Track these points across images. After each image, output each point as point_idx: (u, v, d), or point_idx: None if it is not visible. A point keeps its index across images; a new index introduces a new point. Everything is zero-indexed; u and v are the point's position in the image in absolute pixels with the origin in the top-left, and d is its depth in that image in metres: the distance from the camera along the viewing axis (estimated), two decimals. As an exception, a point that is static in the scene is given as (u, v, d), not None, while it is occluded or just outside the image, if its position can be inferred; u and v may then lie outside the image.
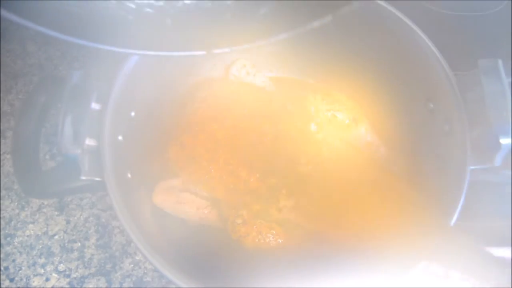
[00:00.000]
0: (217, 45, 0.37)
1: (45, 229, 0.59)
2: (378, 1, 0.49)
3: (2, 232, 0.58)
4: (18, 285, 0.55)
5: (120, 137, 0.46)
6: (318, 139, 0.54)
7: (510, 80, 0.42)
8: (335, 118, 0.55)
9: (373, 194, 0.52)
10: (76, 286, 0.55)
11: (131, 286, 0.55)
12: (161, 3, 0.38)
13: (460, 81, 0.44)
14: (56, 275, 0.56)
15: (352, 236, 0.49)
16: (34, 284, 0.55)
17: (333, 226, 0.50)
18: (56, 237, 0.59)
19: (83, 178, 0.42)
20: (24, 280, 0.56)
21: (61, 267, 0.57)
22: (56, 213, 0.60)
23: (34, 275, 0.56)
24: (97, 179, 0.43)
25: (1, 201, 0.60)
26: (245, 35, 0.38)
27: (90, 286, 0.55)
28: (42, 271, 0.56)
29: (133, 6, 0.37)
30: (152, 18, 0.38)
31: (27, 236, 0.59)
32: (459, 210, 0.40)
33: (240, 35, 0.38)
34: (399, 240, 0.43)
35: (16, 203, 0.61)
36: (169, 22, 0.38)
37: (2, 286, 0.55)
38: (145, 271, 0.56)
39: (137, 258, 0.57)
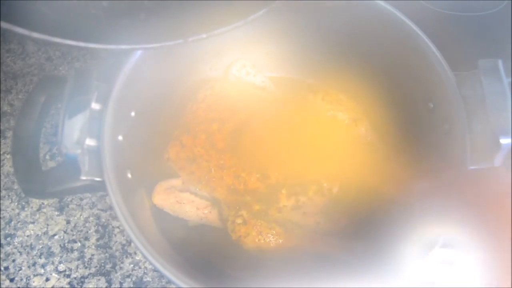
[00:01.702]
0: (193, 32, 0.36)
1: (45, 229, 0.59)
2: (378, 1, 0.49)
3: (2, 232, 0.59)
4: (18, 285, 0.55)
5: (120, 137, 0.46)
6: (318, 139, 0.54)
7: (510, 80, 0.42)
8: (335, 118, 0.55)
9: (373, 194, 0.52)
10: (76, 286, 0.55)
11: (131, 286, 0.55)
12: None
13: (460, 81, 0.44)
14: (56, 275, 0.56)
15: (352, 235, 0.49)
16: (34, 284, 0.55)
17: (334, 225, 0.50)
18: (56, 237, 0.59)
19: (83, 178, 0.42)
20: (24, 280, 0.56)
21: (61, 267, 0.57)
22: (56, 213, 0.60)
23: (34, 275, 0.56)
24: (97, 179, 0.42)
25: (1, 201, 0.60)
26: (220, 19, 0.36)
27: (90, 286, 0.55)
28: (42, 271, 0.56)
29: (104, 4, 0.37)
30: (125, 13, 0.38)
31: (27, 236, 0.59)
32: (459, 210, 0.40)
33: (215, 20, 0.37)
34: (398, 240, 0.43)
35: (16, 203, 0.61)
36: (143, 16, 0.38)
37: (2, 286, 0.55)
38: (145, 271, 0.56)
39: (137, 258, 0.57)
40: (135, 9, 0.38)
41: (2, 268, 0.56)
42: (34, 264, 0.57)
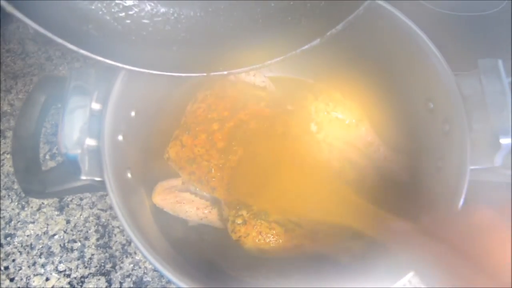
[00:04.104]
0: (216, 68, 0.43)
1: (45, 229, 0.59)
2: (378, 1, 0.49)
3: (2, 232, 0.59)
4: (18, 285, 0.55)
5: (120, 137, 0.46)
6: (318, 139, 0.54)
7: (510, 80, 0.42)
8: (335, 118, 0.54)
9: (373, 195, 0.52)
10: (76, 286, 0.55)
11: (131, 286, 0.55)
12: (167, 31, 0.44)
13: (460, 81, 0.44)
14: (56, 275, 0.56)
15: (352, 235, 0.49)
16: (34, 284, 0.55)
17: (333, 224, 0.50)
18: (56, 237, 0.59)
19: (83, 178, 0.42)
20: (24, 280, 0.56)
21: (61, 267, 0.57)
22: (56, 213, 0.60)
23: (34, 275, 0.56)
24: (97, 179, 0.43)
25: (1, 201, 0.60)
26: (242, 60, 0.43)
27: (90, 286, 0.55)
28: (42, 271, 0.56)
29: (144, 33, 0.43)
30: (160, 43, 0.43)
31: (27, 236, 0.59)
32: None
33: (237, 60, 0.43)
34: (398, 241, 0.43)
35: (16, 203, 0.61)
36: (175, 49, 0.44)
37: (2, 286, 0.55)
38: (145, 271, 0.56)
39: (137, 258, 0.57)
40: (169, 41, 0.44)
41: (2, 268, 0.56)
42: (34, 264, 0.57)
